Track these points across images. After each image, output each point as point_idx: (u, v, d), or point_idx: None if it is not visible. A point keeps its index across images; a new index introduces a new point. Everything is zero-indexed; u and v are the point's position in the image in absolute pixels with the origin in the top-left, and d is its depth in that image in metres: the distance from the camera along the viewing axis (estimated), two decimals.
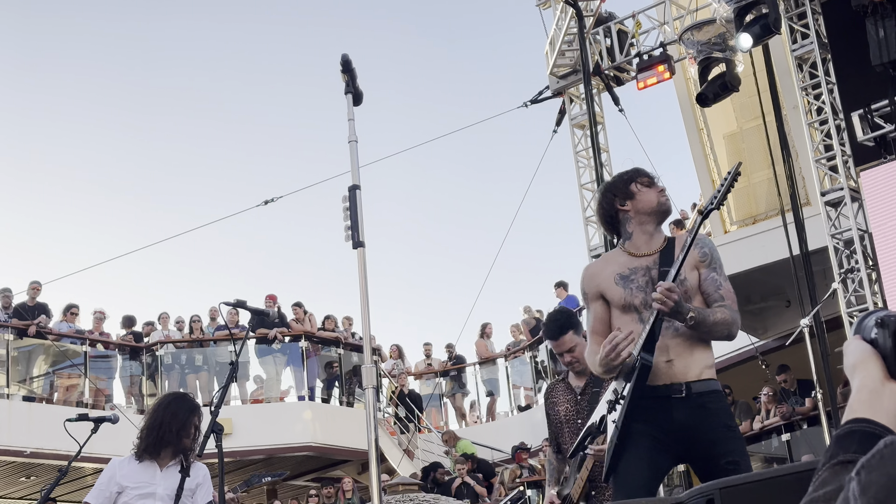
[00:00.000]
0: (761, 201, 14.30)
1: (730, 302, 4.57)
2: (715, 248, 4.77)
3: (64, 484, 15.63)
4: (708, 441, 4.45)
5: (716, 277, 4.64)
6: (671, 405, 4.45)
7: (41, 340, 16.83)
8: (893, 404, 1.38)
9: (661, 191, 4.80)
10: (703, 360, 4.55)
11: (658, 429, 4.46)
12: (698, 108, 13.94)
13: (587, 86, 12.86)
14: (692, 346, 4.53)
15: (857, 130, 11.11)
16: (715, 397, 4.53)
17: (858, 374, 1.42)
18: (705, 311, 4.47)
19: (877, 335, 1.43)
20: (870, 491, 1.19)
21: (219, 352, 18.20)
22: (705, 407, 4.47)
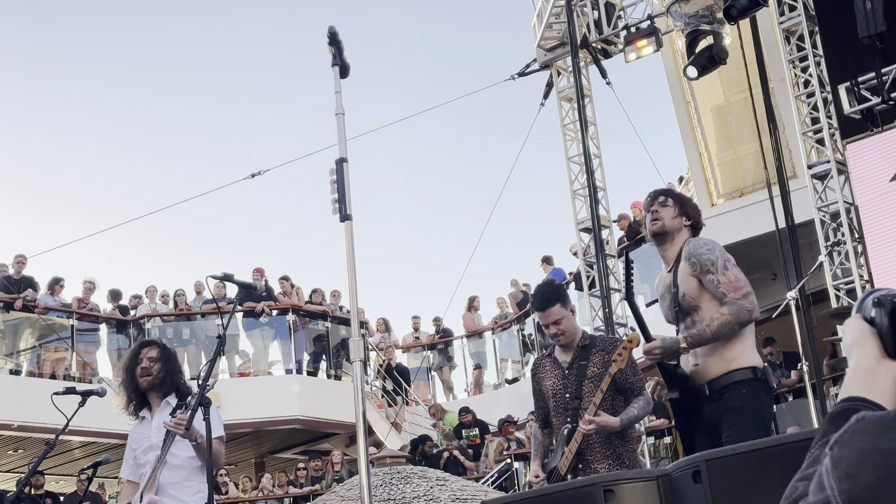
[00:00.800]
0: (748, 174, 14.32)
1: (732, 294, 4.86)
2: (701, 248, 5.03)
3: (52, 457, 15.66)
4: (720, 425, 4.83)
5: (713, 278, 4.92)
6: (702, 404, 4.92)
7: (27, 314, 16.79)
8: (889, 383, 1.38)
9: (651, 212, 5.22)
10: (727, 354, 4.87)
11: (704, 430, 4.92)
12: (685, 81, 13.93)
13: (574, 59, 12.84)
14: (714, 347, 4.91)
15: (843, 103, 11.11)
16: (732, 387, 4.84)
17: (855, 353, 1.43)
18: (700, 330, 4.86)
19: (874, 314, 1.43)
20: (841, 465, 1.20)
21: (206, 325, 18.19)
22: (721, 399, 4.84)
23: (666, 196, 5.28)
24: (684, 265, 5.01)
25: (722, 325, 4.81)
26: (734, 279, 4.92)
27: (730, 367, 4.88)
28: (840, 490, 1.19)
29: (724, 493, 2.92)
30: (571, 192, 13.68)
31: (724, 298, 4.87)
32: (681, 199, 5.37)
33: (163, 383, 5.57)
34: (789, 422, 13.09)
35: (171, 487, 5.41)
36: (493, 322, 20.05)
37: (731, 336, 4.87)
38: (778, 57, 12.20)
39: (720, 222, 13.99)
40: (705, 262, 4.95)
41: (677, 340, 4.87)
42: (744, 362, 4.88)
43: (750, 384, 4.87)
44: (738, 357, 4.88)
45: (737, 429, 4.68)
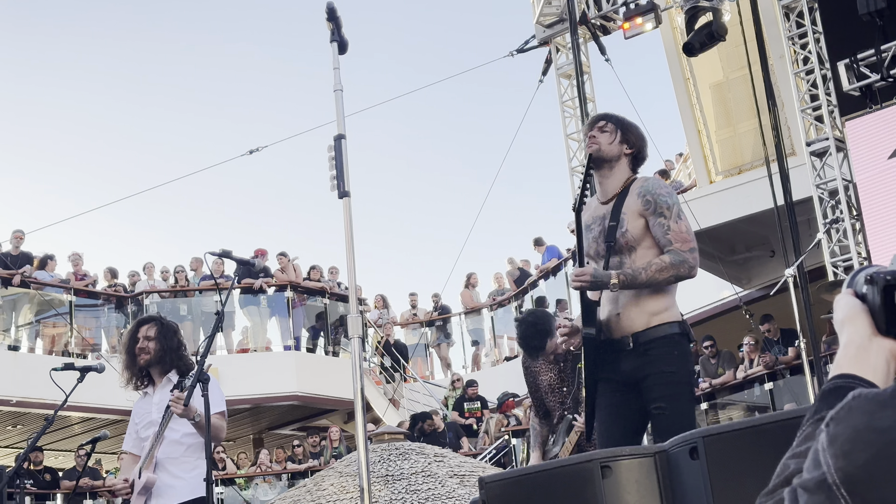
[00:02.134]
0: (746, 151, 14.30)
1: (678, 244, 4.54)
2: (661, 188, 4.72)
3: (51, 432, 15.71)
4: (645, 387, 4.51)
5: (663, 222, 4.57)
6: (621, 357, 4.55)
7: (25, 290, 16.79)
8: (880, 360, 1.38)
9: (589, 137, 4.81)
10: (653, 307, 4.55)
11: (617, 382, 4.58)
12: (684, 58, 13.89)
13: (573, 35, 12.77)
14: (640, 297, 4.56)
15: (842, 80, 11.10)
16: (660, 343, 4.52)
17: (847, 330, 1.43)
18: (635, 271, 4.49)
19: (866, 291, 1.43)
20: (836, 442, 1.20)
21: (204, 302, 18.19)
22: (648, 354, 4.50)
23: (606, 121, 4.89)
24: (635, 201, 4.63)
25: (659, 270, 4.49)
26: (685, 230, 4.60)
27: (656, 320, 4.56)
28: (836, 467, 1.19)
29: (721, 469, 2.93)
30: (570, 168, 13.67)
31: (669, 247, 4.54)
32: (623, 124, 4.95)
33: (161, 360, 5.59)
34: (787, 398, 13.13)
35: (168, 463, 5.43)
36: (490, 298, 20.07)
37: (660, 288, 4.55)
38: (777, 33, 12.16)
39: (718, 199, 13.99)
40: (662, 203, 4.60)
41: (609, 275, 4.47)
42: (671, 316, 4.58)
43: (679, 343, 4.58)
44: (664, 311, 4.57)
45: (670, 401, 4.45)
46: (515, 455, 15.23)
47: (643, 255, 4.56)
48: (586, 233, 4.77)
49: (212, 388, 5.24)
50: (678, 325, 4.58)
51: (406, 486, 9.71)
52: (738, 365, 14.03)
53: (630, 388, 4.56)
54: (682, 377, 4.56)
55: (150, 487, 5.37)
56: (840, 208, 11.20)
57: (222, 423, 5.47)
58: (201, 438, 5.36)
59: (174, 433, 5.41)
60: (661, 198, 4.61)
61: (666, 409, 4.42)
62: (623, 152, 4.78)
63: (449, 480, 9.84)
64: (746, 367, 13.82)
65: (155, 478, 5.38)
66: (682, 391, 4.54)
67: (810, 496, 1.21)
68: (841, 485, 1.18)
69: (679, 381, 4.52)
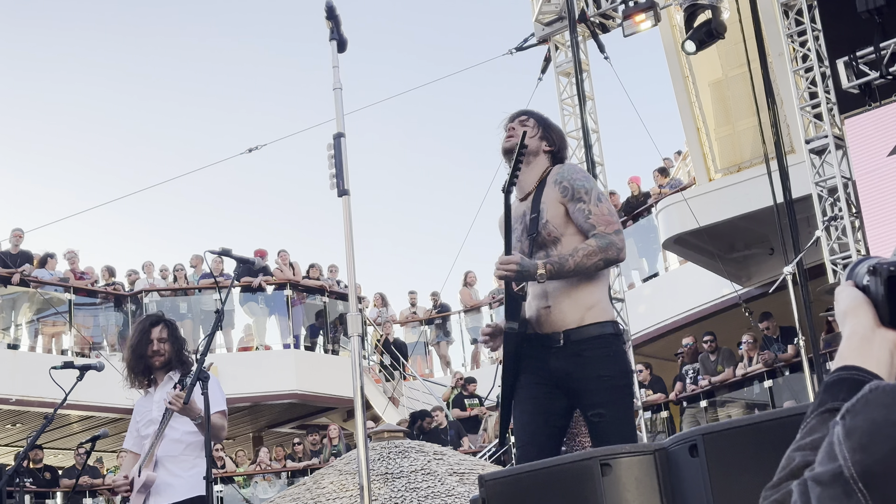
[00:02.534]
0: (746, 149, 14.30)
1: (602, 227, 4.34)
2: (576, 173, 4.53)
3: (50, 431, 15.70)
4: (579, 391, 4.31)
5: (583, 207, 4.38)
6: (549, 354, 4.33)
7: (25, 288, 16.79)
8: (884, 352, 1.38)
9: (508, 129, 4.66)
10: (586, 299, 4.35)
11: (541, 377, 4.36)
12: (683, 56, 13.88)
13: (572, 33, 12.79)
14: (571, 289, 4.34)
15: (842, 78, 11.10)
16: (594, 344, 4.31)
17: (849, 321, 1.42)
18: (561, 258, 4.28)
19: (868, 282, 1.42)
20: (854, 435, 1.20)
21: (203, 300, 18.20)
22: (581, 355, 4.29)
23: (528, 116, 4.71)
24: (552, 190, 4.43)
25: (587, 255, 4.26)
26: (607, 212, 4.38)
27: (588, 317, 4.32)
28: (853, 461, 1.18)
29: (721, 466, 2.93)
30: None
31: (593, 231, 4.33)
32: (544, 122, 4.75)
33: (172, 361, 5.61)
34: (786, 396, 13.14)
35: (167, 461, 5.44)
36: (490, 297, 20.07)
37: (591, 276, 4.34)
38: (776, 31, 12.16)
39: (718, 197, 13.99)
40: (579, 188, 4.40)
41: (536, 265, 4.21)
42: (603, 311, 4.37)
43: (613, 344, 4.36)
44: (596, 305, 4.35)
45: (609, 407, 4.26)
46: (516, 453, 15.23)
47: (567, 245, 4.36)
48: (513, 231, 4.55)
49: (212, 387, 5.24)
50: (611, 325, 4.38)
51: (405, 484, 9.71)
52: (738, 362, 14.04)
53: (556, 386, 4.35)
54: (619, 380, 4.36)
55: (150, 485, 5.38)
56: (839, 206, 11.20)
57: (223, 421, 5.48)
58: (202, 437, 5.37)
59: (174, 431, 5.42)
60: (578, 182, 4.43)
61: (605, 416, 4.25)
62: (543, 148, 4.62)
63: (448, 478, 9.85)
64: (746, 365, 13.83)
65: (154, 476, 5.39)
66: (620, 395, 4.35)
67: (824, 489, 1.20)
68: (858, 478, 1.18)
69: (616, 385, 4.32)
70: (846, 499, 1.18)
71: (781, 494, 1.29)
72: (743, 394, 14.16)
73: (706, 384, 14.11)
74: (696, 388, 14.27)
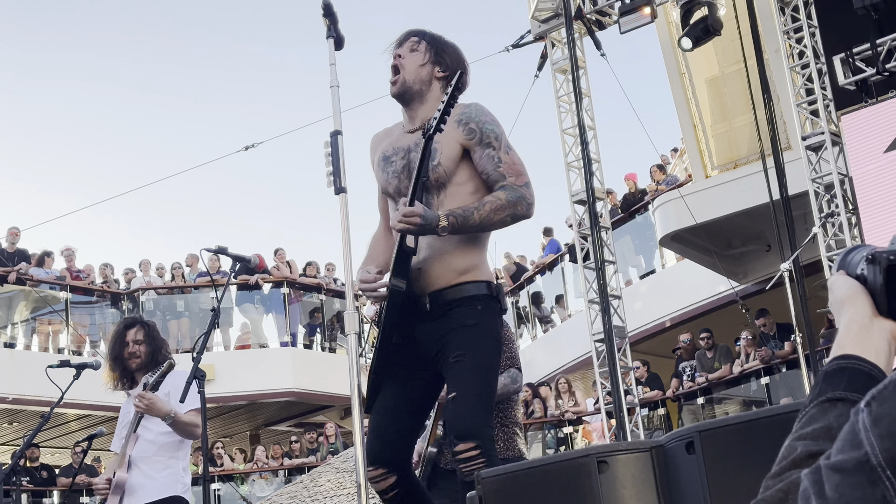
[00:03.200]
0: (742, 146, 14.31)
1: (513, 178, 3.94)
2: (485, 115, 4.04)
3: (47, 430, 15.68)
4: (443, 345, 3.88)
5: (493, 154, 3.95)
6: (417, 317, 3.90)
7: (21, 287, 16.78)
8: (882, 341, 1.37)
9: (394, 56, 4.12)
10: (460, 263, 3.94)
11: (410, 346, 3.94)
12: (680, 53, 13.88)
13: (569, 30, 12.77)
14: (445, 249, 3.93)
15: (838, 74, 11.10)
16: (463, 303, 3.90)
17: (846, 311, 1.42)
18: (466, 210, 3.85)
19: (864, 270, 1.41)
20: (882, 423, 1.18)
21: (200, 298, 18.20)
22: (447, 315, 3.88)
23: (420, 38, 4.15)
24: (452, 129, 3.91)
25: (495, 209, 3.85)
26: (517, 162, 3.97)
27: (468, 277, 3.92)
28: (882, 448, 1.17)
29: (718, 463, 2.93)
30: (566, 164, 13.66)
31: (502, 181, 3.90)
32: (437, 42, 4.18)
33: (149, 362, 5.62)
34: (783, 393, 13.16)
35: (141, 462, 5.45)
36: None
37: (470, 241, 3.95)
38: (772, 28, 12.17)
39: (714, 194, 13.99)
40: (489, 132, 3.96)
41: (437, 217, 3.76)
42: (479, 275, 3.94)
43: (486, 301, 3.93)
44: (472, 269, 3.94)
45: (472, 348, 3.81)
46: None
47: (453, 194, 3.93)
48: (385, 165, 4.10)
49: (175, 382, 5.25)
50: (486, 286, 3.95)
51: None
52: (735, 359, 14.06)
53: (425, 361, 3.96)
54: (487, 331, 3.90)
55: (122, 486, 5.38)
56: (836, 202, 11.20)
57: (195, 419, 5.43)
58: (177, 437, 5.39)
59: (148, 432, 5.44)
60: (487, 125, 3.98)
61: (467, 356, 3.80)
62: (435, 74, 4.10)
63: None
64: (743, 362, 13.85)
65: (126, 477, 5.39)
66: (487, 344, 3.89)
67: (845, 477, 1.19)
68: (886, 466, 1.16)
69: (483, 333, 3.88)
70: (870, 487, 1.17)
71: (786, 484, 1.28)
72: (740, 391, 14.18)
73: (703, 381, 14.13)
74: (693, 385, 14.29)
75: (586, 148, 12.28)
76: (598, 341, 12.68)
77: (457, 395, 3.80)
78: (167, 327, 18.13)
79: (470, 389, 3.79)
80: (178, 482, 5.44)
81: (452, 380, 3.85)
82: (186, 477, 5.59)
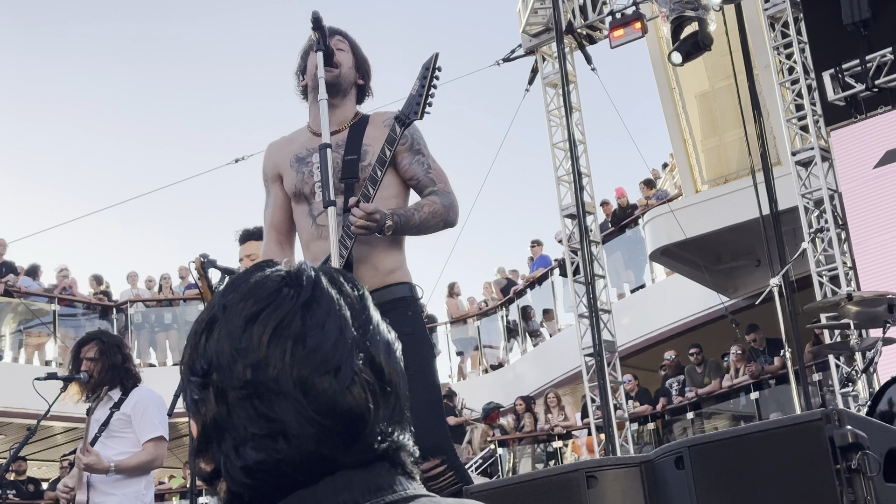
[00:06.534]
0: (732, 161, 14.33)
1: (441, 185, 4.03)
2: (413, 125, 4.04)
3: (33, 442, 15.62)
4: None
5: (422, 160, 4.04)
6: None
7: (9, 299, 16.72)
8: None
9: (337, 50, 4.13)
10: (387, 264, 3.97)
11: None
12: (670, 68, 13.92)
13: (560, 44, 12.77)
14: (372, 252, 3.95)
15: (827, 90, 11.12)
16: (391, 306, 3.86)
17: None
18: (407, 211, 3.93)
19: None
20: None
21: (188, 311, 18.16)
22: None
23: (344, 37, 4.24)
24: (382, 132, 3.95)
25: (433, 213, 3.93)
26: (443, 171, 4.07)
27: (395, 278, 3.96)
28: None
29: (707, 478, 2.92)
30: (556, 177, 13.68)
31: (432, 187, 3.99)
32: (357, 49, 4.27)
33: (104, 380, 5.52)
34: (772, 408, 13.15)
35: (99, 483, 5.36)
36: (477, 307, 20.08)
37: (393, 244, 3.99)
38: (763, 43, 12.20)
39: (704, 209, 14.01)
40: (418, 139, 4.04)
41: (385, 215, 3.78)
42: (403, 276, 4.00)
43: (413, 305, 3.99)
44: (397, 269, 3.99)
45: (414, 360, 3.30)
46: (501, 465, 15.21)
47: (376, 197, 3.89)
48: (300, 166, 4.07)
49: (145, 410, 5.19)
50: (408, 288, 4.01)
51: None
52: (724, 374, 14.05)
53: None
54: (422, 338, 3.98)
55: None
56: (825, 218, 11.22)
57: (159, 450, 5.39)
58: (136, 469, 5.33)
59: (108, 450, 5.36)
60: (417, 133, 4.05)
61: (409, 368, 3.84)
62: (356, 80, 4.18)
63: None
64: (732, 377, 13.84)
65: (83, 500, 5.31)
66: (427, 352, 3.96)
67: None
68: None
69: (420, 341, 3.93)
70: None
71: None
72: (729, 405, 14.17)
73: (693, 396, 14.12)
74: (682, 400, 14.28)
75: (577, 162, 12.26)
76: (587, 356, 12.67)
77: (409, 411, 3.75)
78: (155, 340, 18.07)
79: (422, 404, 3.75)
80: (139, 500, 5.36)
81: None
82: (149, 495, 5.49)
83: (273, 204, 4.22)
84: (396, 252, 4.02)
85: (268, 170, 4.23)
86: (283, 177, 4.13)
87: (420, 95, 3.86)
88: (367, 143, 3.96)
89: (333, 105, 4.03)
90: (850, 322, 6.95)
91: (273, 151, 4.24)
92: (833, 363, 11.10)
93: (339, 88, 4.07)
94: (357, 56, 4.21)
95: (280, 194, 4.18)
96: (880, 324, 6.64)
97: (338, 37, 4.20)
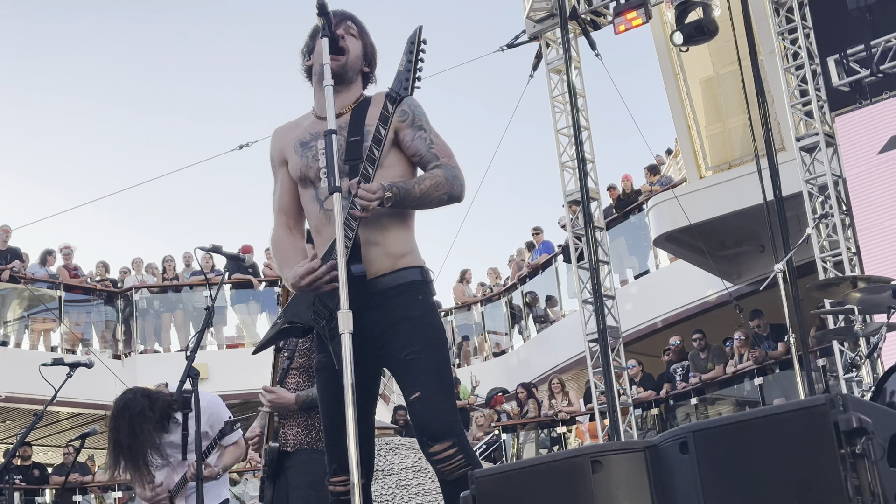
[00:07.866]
0: (736, 147, 14.31)
1: (445, 159, 3.96)
2: (414, 100, 3.98)
3: (39, 428, 15.67)
4: (389, 339, 3.81)
5: (424, 136, 3.96)
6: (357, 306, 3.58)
7: (14, 285, 16.75)
8: None
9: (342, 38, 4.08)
10: (397, 247, 3.90)
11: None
12: (675, 53, 13.90)
13: (564, 30, 12.77)
14: (382, 233, 3.88)
15: (832, 75, 11.12)
16: (401, 290, 3.85)
17: None
18: (407, 184, 3.83)
19: None
20: None
21: (194, 297, 18.19)
22: (389, 303, 3.83)
23: (355, 23, 4.21)
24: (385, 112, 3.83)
25: (435, 185, 3.84)
26: (446, 145, 4.01)
27: (405, 262, 3.89)
28: None
29: (712, 463, 2.93)
30: (560, 164, 13.67)
31: (436, 161, 3.92)
32: (367, 35, 4.24)
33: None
34: (776, 393, 13.16)
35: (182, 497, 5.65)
36: (482, 294, 20.11)
37: (404, 222, 3.94)
38: (767, 29, 12.18)
39: (708, 195, 13.99)
40: (419, 115, 3.99)
41: (384, 187, 3.70)
42: (415, 260, 3.92)
43: (423, 289, 3.91)
44: (408, 253, 3.92)
45: (425, 344, 3.77)
46: (506, 450, 15.24)
47: (380, 177, 3.79)
48: (302, 151, 4.05)
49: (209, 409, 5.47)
50: (420, 272, 3.93)
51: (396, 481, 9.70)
52: (728, 360, 14.06)
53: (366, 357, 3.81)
54: (433, 322, 3.93)
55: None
56: (830, 203, 11.22)
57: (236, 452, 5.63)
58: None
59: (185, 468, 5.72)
60: (418, 109, 4.00)
61: (422, 352, 3.77)
62: (363, 68, 4.16)
63: None
64: (736, 362, 13.86)
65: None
66: (437, 336, 3.88)
67: None
68: None
69: (431, 325, 3.89)
70: None
71: None
72: (733, 391, 14.18)
73: (697, 381, 14.13)
74: (686, 386, 14.30)
75: (581, 148, 12.29)
76: (591, 341, 12.69)
77: (421, 394, 3.76)
78: (161, 323, 18.11)
79: (433, 387, 3.75)
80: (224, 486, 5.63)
81: (411, 379, 3.80)
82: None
83: (280, 188, 4.21)
84: (408, 235, 3.97)
85: (274, 155, 4.23)
86: (288, 161, 4.13)
87: (408, 71, 3.77)
88: (369, 124, 3.91)
89: (338, 91, 3.96)
90: (854, 307, 6.96)
91: (279, 136, 4.24)
92: (837, 349, 11.12)
93: (343, 78, 4.05)
94: (365, 43, 4.18)
95: (287, 179, 4.17)
96: (884, 309, 6.65)
97: (349, 22, 4.18)
